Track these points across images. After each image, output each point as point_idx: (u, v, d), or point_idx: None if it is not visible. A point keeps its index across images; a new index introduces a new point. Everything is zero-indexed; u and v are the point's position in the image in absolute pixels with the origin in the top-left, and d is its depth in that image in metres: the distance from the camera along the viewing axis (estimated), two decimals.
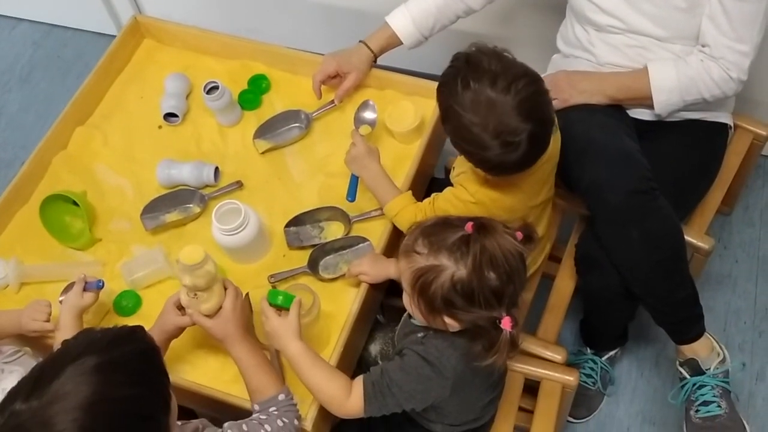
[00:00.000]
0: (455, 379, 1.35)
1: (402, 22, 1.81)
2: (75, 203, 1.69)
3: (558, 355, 1.75)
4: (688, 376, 1.72)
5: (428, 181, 1.88)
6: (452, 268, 1.25)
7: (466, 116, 1.36)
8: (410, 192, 1.62)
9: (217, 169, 1.76)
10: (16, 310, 1.54)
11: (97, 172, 1.81)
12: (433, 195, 1.58)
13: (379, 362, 1.68)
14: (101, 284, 1.50)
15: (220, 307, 1.40)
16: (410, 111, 1.78)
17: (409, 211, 1.58)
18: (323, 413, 1.48)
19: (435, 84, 1.69)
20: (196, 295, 1.38)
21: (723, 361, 1.72)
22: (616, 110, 1.77)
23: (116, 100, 1.93)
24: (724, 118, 1.84)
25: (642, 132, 1.77)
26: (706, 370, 1.70)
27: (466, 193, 1.51)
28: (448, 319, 1.29)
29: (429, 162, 1.84)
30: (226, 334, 1.40)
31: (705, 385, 1.69)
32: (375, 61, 1.84)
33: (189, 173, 1.75)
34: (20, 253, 1.70)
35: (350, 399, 1.36)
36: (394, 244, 1.66)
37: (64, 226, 1.73)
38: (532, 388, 1.75)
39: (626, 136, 1.69)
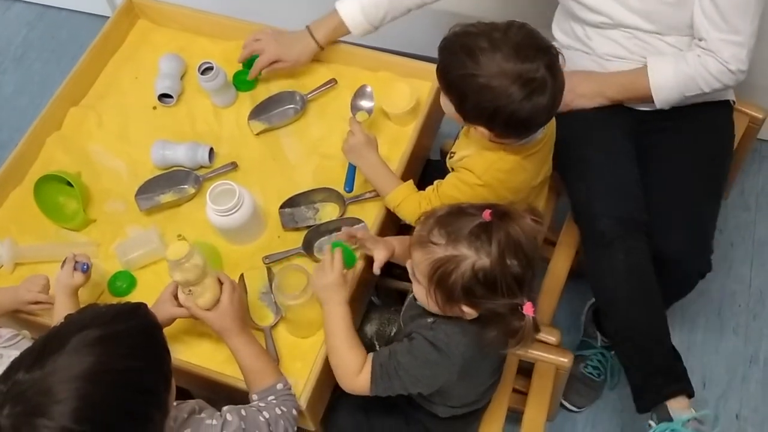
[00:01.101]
0: (463, 365, 1.35)
1: (351, 12, 1.77)
2: (69, 184, 1.68)
3: (552, 337, 1.74)
4: (655, 423, 1.66)
5: (424, 162, 1.88)
6: (473, 258, 1.23)
7: (482, 76, 1.34)
8: (411, 181, 1.61)
9: (211, 150, 1.75)
10: (13, 286, 1.54)
11: (91, 152, 1.81)
12: (435, 182, 1.57)
13: (375, 343, 1.69)
14: (86, 267, 1.49)
15: (218, 300, 1.40)
16: (405, 93, 1.77)
17: (412, 201, 1.57)
18: (318, 393, 1.48)
19: (430, 65, 1.70)
20: (190, 291, 1.39)
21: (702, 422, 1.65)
22: (616, 117, 1.76)
23: (110, 81, 1.92)
24: (726, 95, 1.83)
25: (648, 122, 1.77)
26: (677, 418, 1.63)
27: (473, 176, 1.50)
28: (466, 308, 1.28)
29: (425, 144, 1.84)
30: (223, 327, 1.40)
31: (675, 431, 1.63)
32: (321, 49, 1.82)
33: (183, 154, 1.74)
34: (15, 233, 1.69)
35: (362, 376, 1.37)
36: (388, 225, 1.67)
37: (59, 206, 1.73)
38: (526, 369, 1.76)
39: (624, 158, 1.71)
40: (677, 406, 1.65)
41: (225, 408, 1.26)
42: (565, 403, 2.03)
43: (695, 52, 1.66)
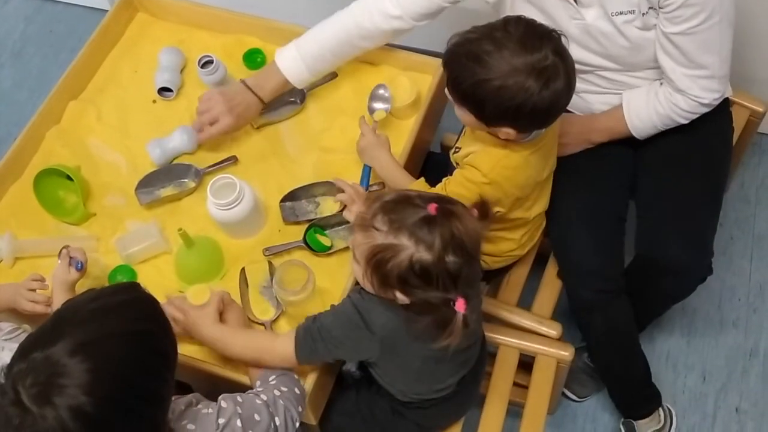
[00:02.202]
0: (384, 338, 1.34)
1: (294, 68, 1.72)
2: (69, 178, 1.67)
3: (553, 330, 1.75)
4: None
5: (425, 156, 1.88)
6: (412, 249, 1.23)
7: (495, 78, 1.34)
8: (423, 179, 1.60)
9: None
10: (13, 285, 1.53)
11: (90, 146, 1.80)
12: (444, 180, 1.57)
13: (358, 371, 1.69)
14: (80, 266, 1.49)
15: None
16: (406, 86, 1.77)
17: None
18: (319, 387, 1.48)
19: (431, 59, 1.69)
20: None
21: (660, 429, 1.93)
22: (605, 165, 1.77)
23: (110, 75, 1.91)
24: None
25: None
26: None
27: (479, 174, 1.49)
28: (399, 294, 1.28)
29: (426, 137, 1.83)
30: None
31: None
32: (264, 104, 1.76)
33: (179, 139, 1.74)
34: (14, 227, 1.69)
35: (279, 341, 1.40)
36: None
37: (58, 200, 1.72)
38: (526, 363, 1.76)
39: (608, 220, 1.74)
40: (643, 422, 1.94)
41: (221, 397, 1.27)
42: (568, 393, 2.04)
43: (664, 91, 1.65)
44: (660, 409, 1.95)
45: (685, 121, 1.68)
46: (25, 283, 1.50)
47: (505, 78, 1.33)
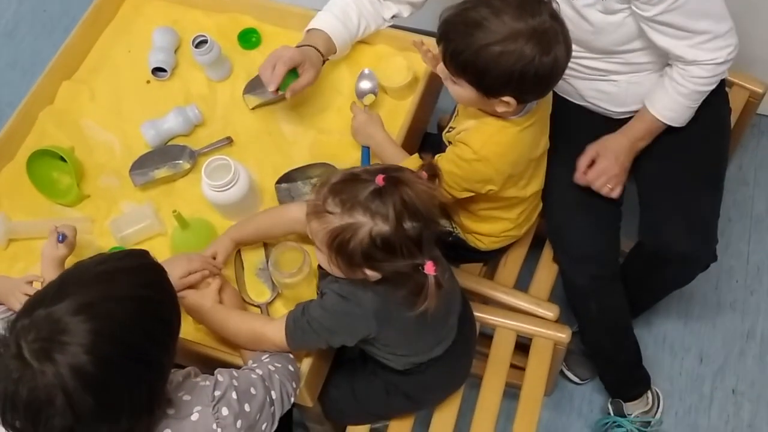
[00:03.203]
0: (377, 311, 1.34)
1: (330, 22, 1.71)
2: (62, 159, 1.66)
3: (550, 312, 1.75)
4: (612, 413, 1.97)
5: (422, 136, 1.87)
6: (369, 224, 1.22)
7: (496, 43, 1.32)
8: (417, 155, 1.60)
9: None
10: (10, 280, 1.50)
11: (84, 127, 1.78)
12: (436, 157, 1.56)
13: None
14: (62, 238, 1.47)
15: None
16: (403, 66, 1.76)
17: None
18: (315, 370, 1.48)
19: (428, 39, 1.67)
20: None
21: (648, 411, 1.95)
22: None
23: (103, 55, 1.89)
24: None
25: None
26: (628, 414, 1.95)
27: (470, 151, 1.48)
28: (369, 271, 1.28)
29: (422, 118, 1.82)
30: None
31: (621, 426, 1.95)
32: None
33: (174, 121, 1.72)
34: (8, 209, 1.67)
35: (269, 328, 1.39)
36: None
37: (52, 182, 1.71)
38: (524, 345, 1.75)
39: (604, 206, 1.72)
40: (632, 403, 1.95)
41: (216, 371, 1.27)
42: (570, 376, 2.04)
43: (678, 69, 1.62)
44: (648, 391, 1.96)
45: (712, 86, 1.64)
46: (21, 286, 1.47)
47: (507, 43, 1.31)
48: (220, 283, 1.47)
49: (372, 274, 1.28)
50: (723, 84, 1.79)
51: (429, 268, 1.23)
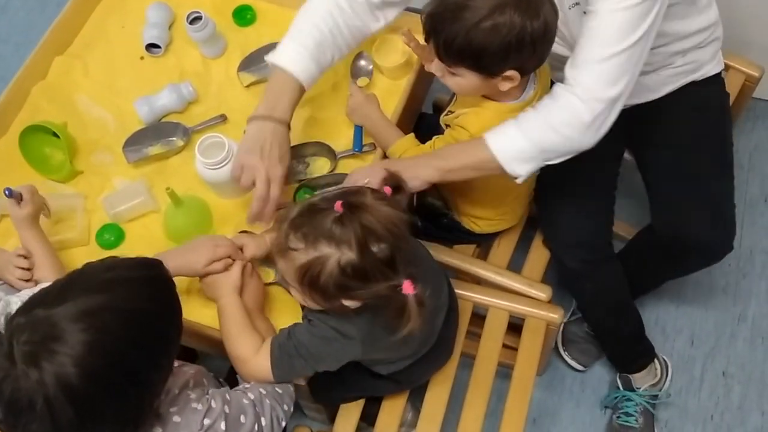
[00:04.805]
0: (364, 338, 1.32)
1: (298, 61, 1.47)
2: (55, 134, 1.65)
3: (542, 293, 1.75)
4: (620, 387, 1.97)
5: (417, 116, 1.86)
6: (336, 254, 1.18)
7: (485, 18, 1.30)
8: (412, 135, 1.59)
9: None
10: (3, 254, 1.49)
11: (77, 102, 1.77)
12: (434, 138, 1.55)
13: None
14: (8, 192, 1.45)
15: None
16: (398, 46, 1.75)
17: (412, 154, 1.56)
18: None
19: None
20: None
21: (656, 383, 1.96)
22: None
23: (97, 30, 1.87)
24: (712, 67, 1.76)
25: (637, 114, 1.72)
26: (636, 388, 1.95)
27: (467, 135, 1.48)
28: (347, 302, 1.24)
29: (418, 98, 1.81)
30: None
31: (631, 400, 1.94)
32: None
33: (168, 98, 1.71)
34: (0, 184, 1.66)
35: (257, 357, 1.35)
36: None
37: (45, 157, 1.70)
38: (516, 326, 1.76)
39: (596, 192, 1.72)
40: (639, 376, 1.95)
41: (210, 392, 1.25)
42: (572, 363, 2.05)
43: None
44: (655, 361, 1.96)
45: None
46: (14, 259, 1.45)
47: (495, 15, 1.30)
48: (241, 272, 1.42)
49: (351, 304, 1.25)
50: (719, 76, 1.79)
51: (407, 287, 1.18)
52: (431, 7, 1.36)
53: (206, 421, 1.19)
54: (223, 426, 1.21)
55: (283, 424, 1.33)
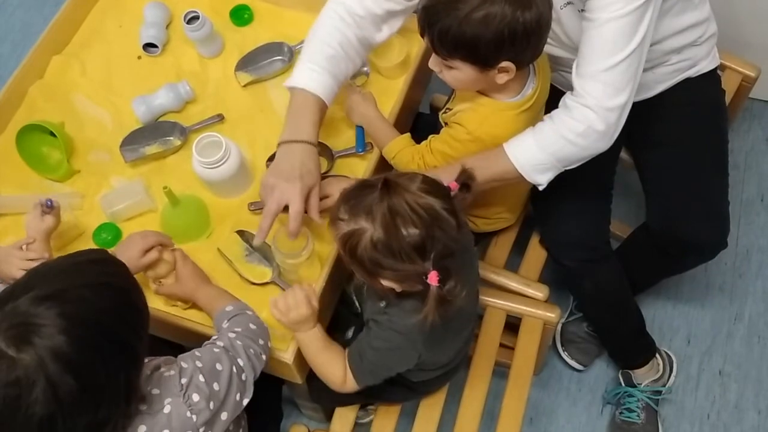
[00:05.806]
0: (425, 340, 1.36)
1: (317, 80, 1.49)
2: (52, 134, 1.65)
3: (539, 293, 1.75)
4: (623, 383, 1.97)
5: (414, 116, 1.86)
6: (370, 230, 1.22)
7: (477, 8, 1.30)
8: (408, 134, 1.60)
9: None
10: (2, 250, 1.49)
11: (75, 102, 1.77)
12: (430, 137, 1.55)
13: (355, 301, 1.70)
14: (50, 203, 1.47)
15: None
16: (395, 46, 1.75)
17: (407, 153, 1.57)
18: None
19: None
20: (160, 282, 1.49)
21: (658, 379, 1.95)
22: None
23: (94, 29, 1.87)
24: (707, 64, 1.76)
25: (639, 113, 1.71)
26: (638, 384, 1.95)
27: (464, 131, 1.48)
28: (385, 282, 1.27)
29: (414, 97, 1.82)
30: (190, 291, 1.47)
31: (633, 396, 1.95)
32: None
33: (165, 97, 1.72)
34: None
35: (346, 385, 1.44)
36: None
37: (42, 156, 1.70)
38: (513, 325, 1.76)
39: (592, 191, 1.73)
40: (640, 371, 1.95)
41: (179, 357, 1.26)
42: (572, 363, 2.04)
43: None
44: (657, 356, 1.96)
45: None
46: (16, 252, 1.45)
47: (487, 5, 1.30)
48: (175, 257, 1.48)
49: (388, 284, 1.28)
50: (715, 72, 1.79)
51: (432, 278, 1.21)
52: (425, 2, 1.37)
53: (183, 381, 1.20)
54: (201, 378, 1.21)
55: (264, 357, 1.34)
